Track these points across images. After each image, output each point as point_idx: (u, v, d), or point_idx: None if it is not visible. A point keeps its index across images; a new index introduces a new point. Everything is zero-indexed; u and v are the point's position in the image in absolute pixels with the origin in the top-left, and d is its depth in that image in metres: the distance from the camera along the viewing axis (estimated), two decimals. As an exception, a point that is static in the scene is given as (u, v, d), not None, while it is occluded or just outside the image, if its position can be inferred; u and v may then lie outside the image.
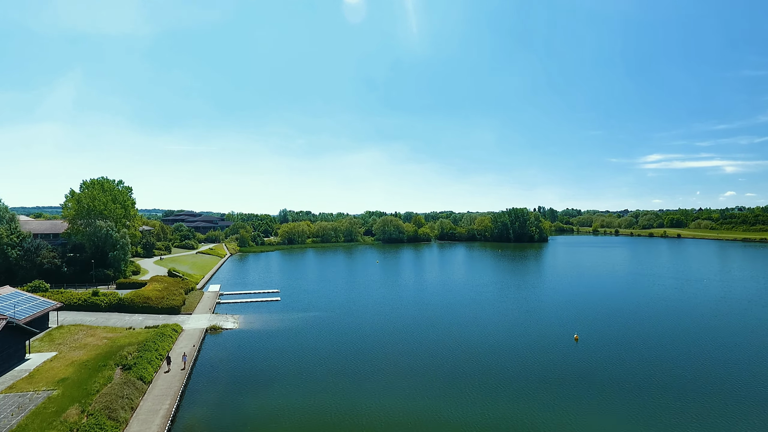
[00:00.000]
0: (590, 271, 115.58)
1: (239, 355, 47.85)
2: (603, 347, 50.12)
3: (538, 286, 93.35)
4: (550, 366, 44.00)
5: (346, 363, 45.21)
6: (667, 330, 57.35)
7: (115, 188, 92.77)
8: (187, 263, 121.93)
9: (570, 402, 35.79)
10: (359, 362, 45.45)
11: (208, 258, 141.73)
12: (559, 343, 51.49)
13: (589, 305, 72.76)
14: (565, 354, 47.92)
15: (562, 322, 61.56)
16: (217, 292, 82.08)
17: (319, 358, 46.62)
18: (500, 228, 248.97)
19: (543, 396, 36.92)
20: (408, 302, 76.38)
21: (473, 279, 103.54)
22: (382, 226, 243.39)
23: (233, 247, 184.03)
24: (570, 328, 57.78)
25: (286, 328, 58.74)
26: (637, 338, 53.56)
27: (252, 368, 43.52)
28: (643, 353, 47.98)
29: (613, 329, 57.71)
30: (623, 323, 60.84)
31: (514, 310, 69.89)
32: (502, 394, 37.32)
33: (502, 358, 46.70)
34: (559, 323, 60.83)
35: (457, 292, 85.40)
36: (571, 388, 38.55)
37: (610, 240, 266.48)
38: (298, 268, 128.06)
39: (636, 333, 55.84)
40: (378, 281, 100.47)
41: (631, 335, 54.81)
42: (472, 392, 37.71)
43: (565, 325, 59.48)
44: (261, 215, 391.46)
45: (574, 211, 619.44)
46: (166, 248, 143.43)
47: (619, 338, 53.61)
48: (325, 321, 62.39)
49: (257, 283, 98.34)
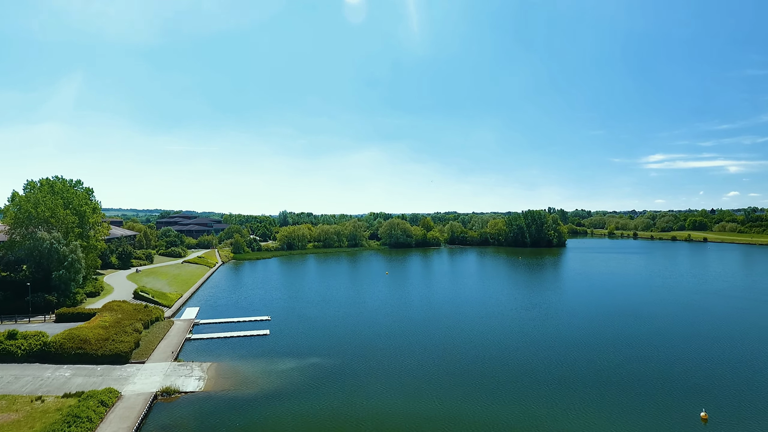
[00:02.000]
0: (637, 289, 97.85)
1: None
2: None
3: (581, 314, 75.75)
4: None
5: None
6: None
7: (70, 190, 75.77)
8: (167, 277, 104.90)
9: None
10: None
11: (194, 269, 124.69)
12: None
13: (655, 347, 55.22)
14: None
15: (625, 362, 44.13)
16: (191, 322, 64.93)
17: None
18: (515, 232, 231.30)
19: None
20: (432, 339, 59.07)
21: (502, 299, 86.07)
22: (389, 230, 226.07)
23: (226, 254, 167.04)
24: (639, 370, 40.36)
25: (273, 389, 41.36)
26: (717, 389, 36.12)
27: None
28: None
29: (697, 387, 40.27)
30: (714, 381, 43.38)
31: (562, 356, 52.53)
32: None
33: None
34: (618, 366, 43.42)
35: (491, 320, 68.02)
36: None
37: (631, 244, 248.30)
38: (296, 282, 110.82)
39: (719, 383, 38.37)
40: (389, 301, 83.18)
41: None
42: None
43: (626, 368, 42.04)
44: (260, 217, 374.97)
45: (583, 212, 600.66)
46: (147, 257, 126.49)
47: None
48: (326, 374, 45.07)
49: (244, 303, 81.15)
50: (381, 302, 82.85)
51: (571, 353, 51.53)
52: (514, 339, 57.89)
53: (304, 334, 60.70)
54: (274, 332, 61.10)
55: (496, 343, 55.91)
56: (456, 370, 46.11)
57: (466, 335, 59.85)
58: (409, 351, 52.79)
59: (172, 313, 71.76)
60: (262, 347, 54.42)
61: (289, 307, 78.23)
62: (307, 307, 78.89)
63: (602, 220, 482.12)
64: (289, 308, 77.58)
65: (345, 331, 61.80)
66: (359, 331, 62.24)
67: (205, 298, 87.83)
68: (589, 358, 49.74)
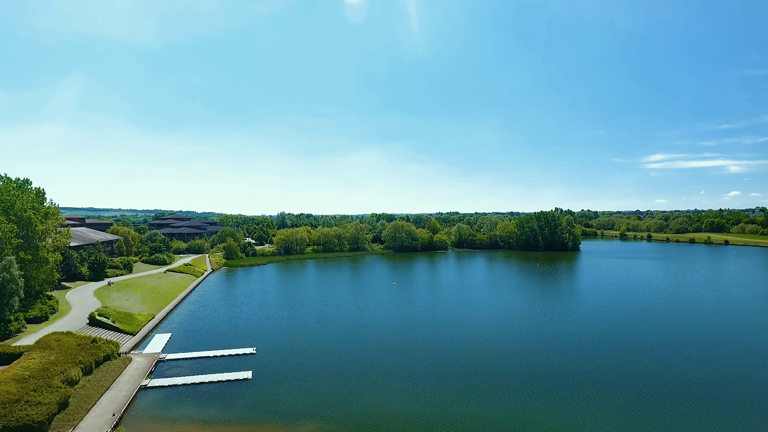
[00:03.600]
0: (701, 312, 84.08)
1: None
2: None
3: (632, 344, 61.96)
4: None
5: None
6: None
7: (10, 192, 62.09)
8: (142, 290, 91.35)
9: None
10: None
11: (177, 279, 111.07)
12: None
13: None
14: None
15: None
16: (154, 358, 51.39)
17: None
18: (527, 234, 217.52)
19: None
20: (461, 383, 45.40)
21: (540, 324, 72.25)
22: (393, 233, 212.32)
23: (218, 260, 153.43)
24: None
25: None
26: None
27: None
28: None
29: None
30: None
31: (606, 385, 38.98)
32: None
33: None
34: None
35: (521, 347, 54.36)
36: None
37: (649, 248, 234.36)
38: (291, 295, 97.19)
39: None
40: (401, 323, 69.49)
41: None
42: None
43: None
44: (258, 218, 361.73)
45: (590, 212, 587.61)
46: (125, 266, 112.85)
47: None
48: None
49: (226, 327, 67.53)
50: (390, 324, 69.12)
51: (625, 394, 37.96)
52: (560, 382, 44.21)
53: (297, 377, 47.03)
54: (258, 374, 47.47)
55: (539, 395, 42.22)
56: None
57: (504, 384, 46.14)
58: (435, 407, 39.12)
59: (135, 344, 58.15)
60: (240, 402, 40.77)
61: (280, 333, 64.60)
62: (302, 332, 65.21)
63: (611, 221, 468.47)
64: (280, 334, 63.96)
65: (348, 374, 48.12)
66: (364, 371, 48.53)
67: (182, 318, 74.17)
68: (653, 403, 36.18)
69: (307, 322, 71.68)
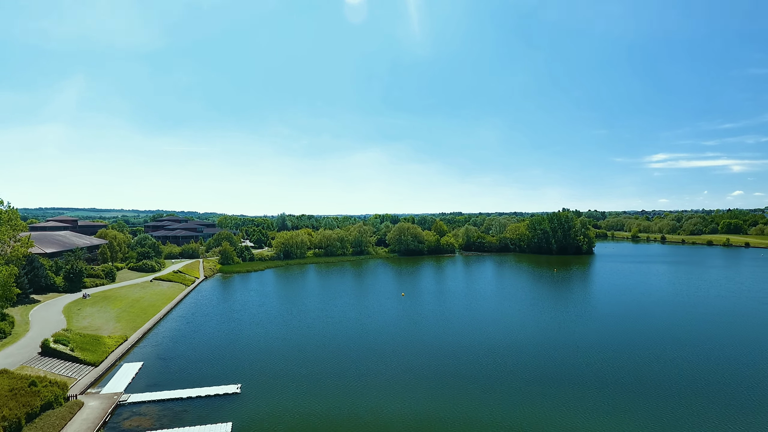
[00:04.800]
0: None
1: None
2: None
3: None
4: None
5: None
6: None
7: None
8: (121, 304, 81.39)
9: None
10: None
11: (165, 288, 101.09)
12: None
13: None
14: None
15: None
16: (114, 400, 41.31)
17: None
18: (540, 237, 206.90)
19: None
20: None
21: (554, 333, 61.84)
22: (398, 235, 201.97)
23: (212, 266, 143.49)
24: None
25: None
26: None
27: None
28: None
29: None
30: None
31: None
32: None
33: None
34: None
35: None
36: None
37: (666, 251, 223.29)
38: (288, 309, 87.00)
39: None
40: (410, 343, 59.20)
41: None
42: None
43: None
44: (258, 219, 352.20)
45: (597, 213, 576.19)
46: (107, 274, 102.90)
47: None
48: None
49: (208, 353, 57.41)
50: (398, 346, 58.81)
51: None
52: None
53: (286, 425, 36.86)
54: (239, 426, 37.30)
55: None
56: None
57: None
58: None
59: (95, 378, 48.05)
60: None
61: (270, 363, 54.40)
62: (297, 359, 55.01)
63: (620, 222, 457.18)
64: (270, 365, 53.77)
65: (350, 420, 37.87)
66: (372, 416, 38.29)
67: (160, 340, 64.07)
68: None
69: (304, 346, 61.40)
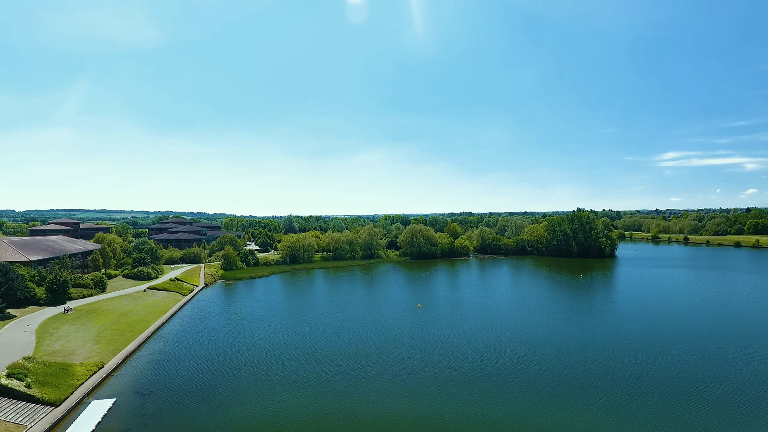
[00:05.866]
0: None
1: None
2: None
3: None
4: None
5: None
6: None
7: None
8: (106, 319, 72.88)
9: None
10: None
11: (159, 299, 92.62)
12: None
13: None
14: None
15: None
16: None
17: None
18: (559, 239, 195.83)
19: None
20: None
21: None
22: (410, 238, 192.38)
23: (214, 272, 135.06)
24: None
25: None
26: None
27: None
28: None
29: None
30: None
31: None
32: None
33: None
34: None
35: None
36: None
37: (695, 253, 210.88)
38: (291, 326, 77.88)
39: None
40: (432, 370, 49.68)
41: None
42: None
43: None
44: (265, 221, 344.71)
45: (612, 213, 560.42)
46: (96, 284, 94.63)
47: None
48: None
49: (193, 385, 48.38)
50: (419, 376, 49.28)
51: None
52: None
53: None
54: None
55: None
56: None
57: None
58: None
59: (52, 424, 39.09)
60: None
61: (270, 397, 45.13)
62: (301, 397, 45.69)
63: (636, 222, 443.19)
64: (269, 400, 44.49)
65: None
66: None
67: (141, 368, 55.03)
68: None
69: (308, 378, 52.08)
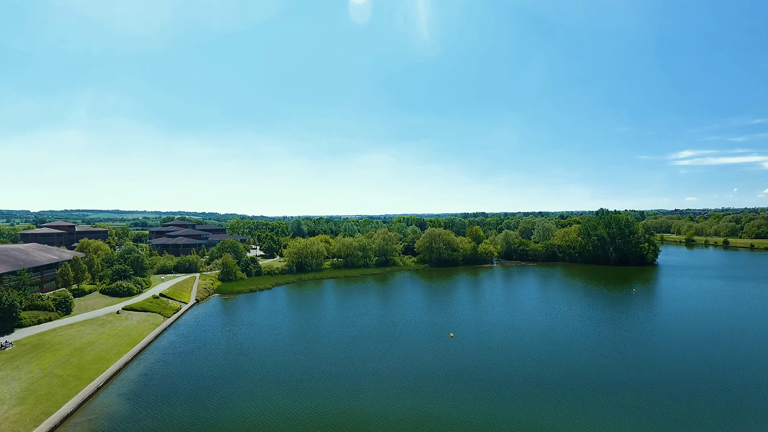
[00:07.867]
0: None
1: None
2: None
3: None
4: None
5: None
6: None
7: None
8: (53, 358, 56.48)
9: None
10: None
11: (134, 323, 76.21)
12: None
13: None
14: None
15: None
16: None
17: None
18: (595, 244, 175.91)
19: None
20: None
21: None
22: (429, 242, 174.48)
23: (209, 283, 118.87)
24: None
25: None
26: None
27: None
28: None
29: None
30: None
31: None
32: None
33: None
34: None
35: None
36: None
37: (743, 259, 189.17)
38: (294, 364, 60.69)
39: None
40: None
41: None
42: None
43: None
44: (274, 222, 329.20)
45: (636, 213, 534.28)
46: (59, 305, 78.28)
47: None
48: None
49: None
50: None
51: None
52: None
53: None
54: None
55: None
56: None
57: None
58: None
59: None
60: None
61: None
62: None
63: (665, 223, 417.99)
64: None
65: None
66: None
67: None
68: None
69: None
